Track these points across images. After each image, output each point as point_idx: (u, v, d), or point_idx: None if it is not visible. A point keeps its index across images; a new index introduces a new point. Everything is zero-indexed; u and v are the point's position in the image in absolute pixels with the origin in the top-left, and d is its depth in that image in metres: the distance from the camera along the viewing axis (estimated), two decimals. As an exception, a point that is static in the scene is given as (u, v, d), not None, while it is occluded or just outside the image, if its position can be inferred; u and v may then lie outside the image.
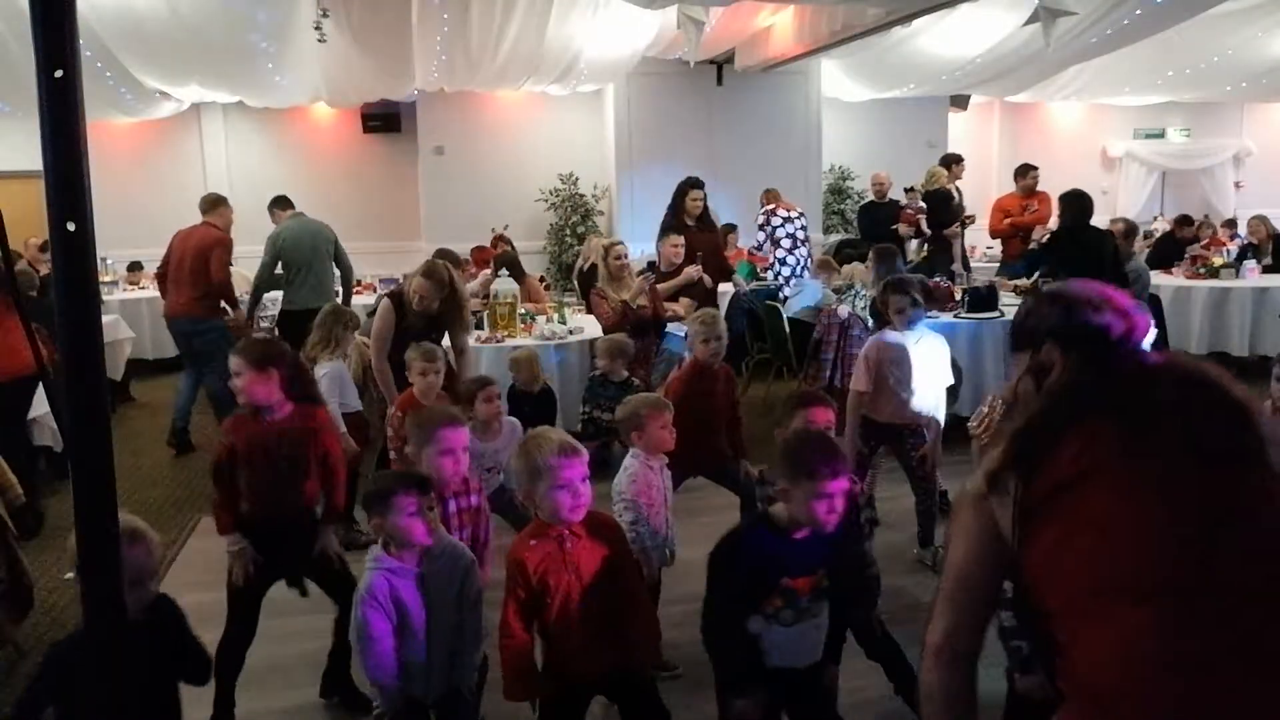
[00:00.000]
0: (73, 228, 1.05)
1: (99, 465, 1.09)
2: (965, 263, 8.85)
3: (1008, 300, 6.77)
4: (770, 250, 7.94)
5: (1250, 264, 8.16)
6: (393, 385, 4.56)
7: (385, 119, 10.81)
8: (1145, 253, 9.35)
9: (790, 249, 7.86)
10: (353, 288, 7.22)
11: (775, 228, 7.90)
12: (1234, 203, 13.47)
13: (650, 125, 9.97)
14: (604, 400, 4.89)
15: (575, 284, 7.89)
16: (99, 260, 1.15)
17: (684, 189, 6.46)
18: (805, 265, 7.80)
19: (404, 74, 8.50)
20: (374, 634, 2.33)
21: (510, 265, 7.29)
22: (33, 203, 7.35)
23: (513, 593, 2.33)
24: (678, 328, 6.00)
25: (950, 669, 1.47)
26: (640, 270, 6.48)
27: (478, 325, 6.09)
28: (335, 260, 6.87)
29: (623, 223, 9.99)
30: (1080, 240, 6.16)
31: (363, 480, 4.22)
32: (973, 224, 9.21)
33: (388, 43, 7.61)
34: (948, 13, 7.08)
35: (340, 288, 7.03)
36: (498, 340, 5.79)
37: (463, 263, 6.93)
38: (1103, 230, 6.77)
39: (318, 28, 6.68)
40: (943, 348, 4.31)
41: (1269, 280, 7.93)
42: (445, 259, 6.83)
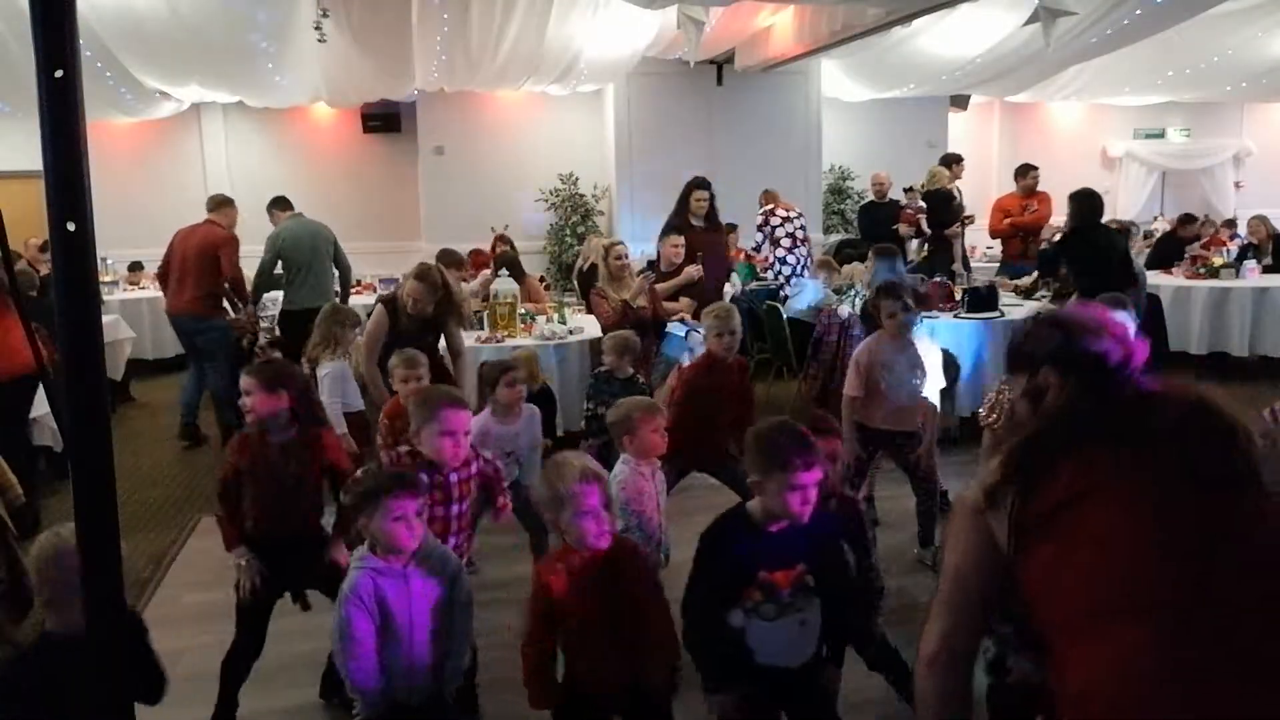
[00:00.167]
0: (73, 228, 1.05)
1: (99, 465, 1.09)
2: (965, 263, 8.85)
3: (1008, 300, 6.77)
4: (770, 250, 7.94)
5: (1250, 264, 8.16)
6: (383, 387, 4.56)
7: (385, 119, 10.80)
8: (1145, 253, 9.36)
9: (790, 248, 7.87)
10: (351, 287, 7.23)
11: (774, 227, 7.90)
12: (1234, 203, 13.46)
13: (650, 125, 9.96)
14: (608, 397, 4.87)
15: (575, 284, 7.89)
16: (99, 260, 1.15)
17: (689, 189, 6.46)
18: (805, 265, 7.81)
19: (404, 74, 8.50)
20: (356, 634, 2.33)
21: (510, 265, 7.29)
22: (33, 203, 7.33)
23: (537, 611, 2.36)
24: (677, 328, 5.99)
25: (946, 671, 1.49)
26: (640, 270, 6.47)
27: (478, 325, 6.10)
28: (334, 260, 6.88)
29: (623, 223, 9.98)
30: (1092, 239, 6.13)
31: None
32: (972, 224, 9.21)
33: (388, 43, 7.61)
34: (948, 13, 7.08)
35: (339, 287, 7.03)
36: (498, 340, 5.80)
37: (464, 263, 6.94)
38: (1113, 229, 6.76)
39: (318, 28, 6.67)
40: (934, 351, 4.30)
41: (1269, 280, 7.92)
42: (447, 259, 6.86)
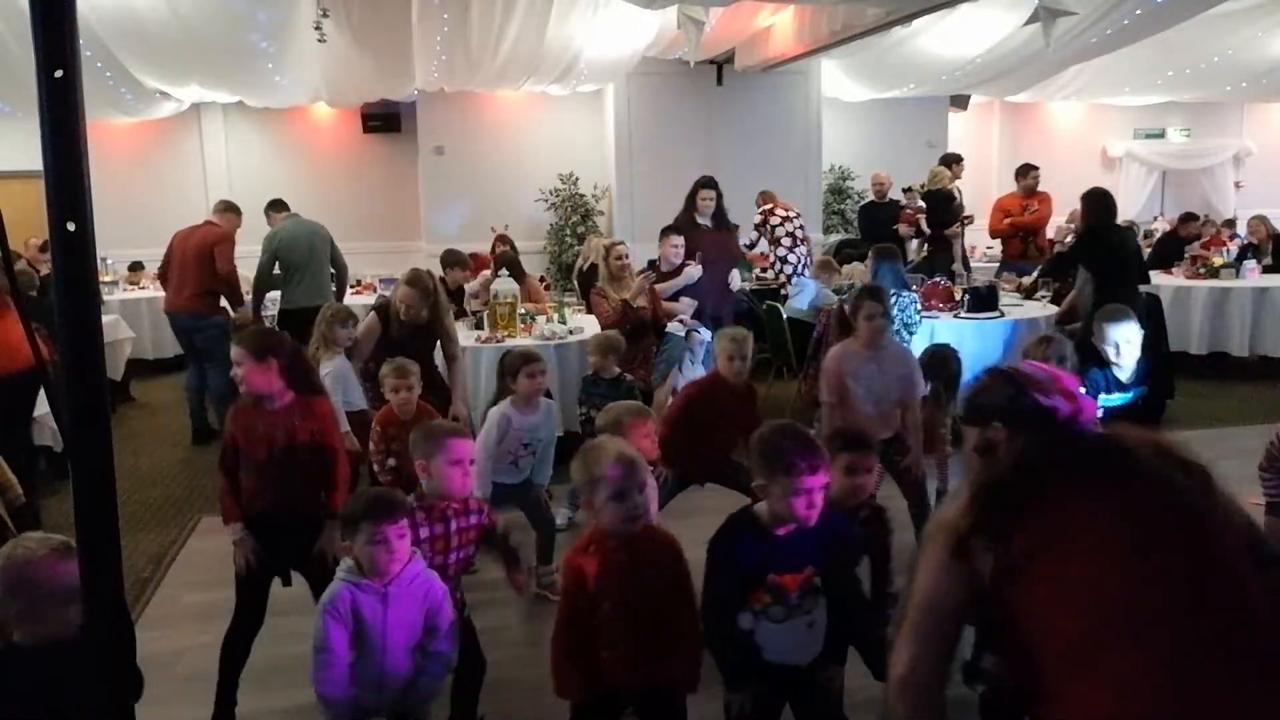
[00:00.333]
0: (73, 228, 1.05)
1: (99, 465, 1.09)
2: (965, 263, 8.85)
3: (1008, 300, 6.77)
4: (770, 250, 7.94)
5: (1250, 264, 8.16)
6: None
7: (385, 119, 10.80)
8: (1146, 253, 9.34)
9: (790, 247, 7.87)
10: (347, 286, 7.23)
11: (774, 226, 7.90)
12: (1234, 203, 13.45)
13: (650, 125, 9.96)
14: (598, 399, 4.90)
15: (575, 284, 7.89)
16: (99, 260, 1.15)
17: (695, 188, 6.46)
18: (805, 263, 7.81)
19: (404, 74, 8.50)
20: (329, 645, 2.36)
21: (510, 265, 7.29)
22: (33, 203, 7.36)
23: (568, 596, 2.36)
24: (677, 328, 5.99)
25: (920, 692, 1.47)
26: (641, 269, 6.47)
27: (478, 325, 6.09)
28: (331, 259, 6.88)
29: (623, 223, 9.98)
30: (1107, 240, 6.11)
31: (363, 480, 4.22)
32: (971, 224, 9.20)
33: (388, 43, 7.61)
34: (948, 13, 7.08)
35: (335, 286, 7.03)
36: (498, 340, 5.79)
37: (467, 263, 6.95)
38: (1126, 228, 6.75)
39: (318, 28, 6.68)
40: (909, 358, 4.23)
41: (1269, 280, 7.93)
42: (449, 259, 6.86)
